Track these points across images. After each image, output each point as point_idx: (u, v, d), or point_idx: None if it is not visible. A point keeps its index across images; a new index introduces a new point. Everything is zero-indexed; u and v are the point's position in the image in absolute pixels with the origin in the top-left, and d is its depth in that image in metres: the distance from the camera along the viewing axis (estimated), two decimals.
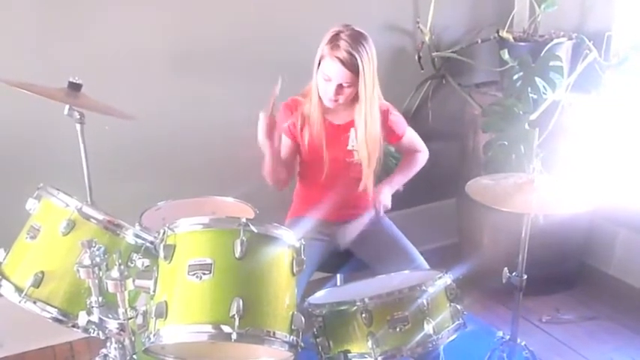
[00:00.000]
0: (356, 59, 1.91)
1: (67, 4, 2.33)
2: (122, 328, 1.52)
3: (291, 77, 2.14)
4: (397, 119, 2.20)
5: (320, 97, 2.04)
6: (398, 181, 2.23)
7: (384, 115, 2.13)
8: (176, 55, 2.53)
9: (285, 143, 2.14)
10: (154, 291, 1.48)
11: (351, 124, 2.10)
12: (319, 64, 1.99)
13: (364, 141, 2.06)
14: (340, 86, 1.98)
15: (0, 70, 2.15)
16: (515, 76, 2.58)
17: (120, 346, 1.59)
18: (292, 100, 2.14)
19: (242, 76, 2.67)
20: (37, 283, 1.55)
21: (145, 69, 2.49)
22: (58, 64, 2.30)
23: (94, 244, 1.47)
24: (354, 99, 2.04)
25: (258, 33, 2.64)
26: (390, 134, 2.18)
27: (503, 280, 2.04)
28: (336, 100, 2.01)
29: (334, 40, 1.94)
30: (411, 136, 2.26)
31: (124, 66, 2.45)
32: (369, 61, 1.95)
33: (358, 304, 1.56)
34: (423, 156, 2.29)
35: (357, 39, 1.93)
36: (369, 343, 1.53)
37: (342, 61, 1.92)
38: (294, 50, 2.32)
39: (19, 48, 2.30)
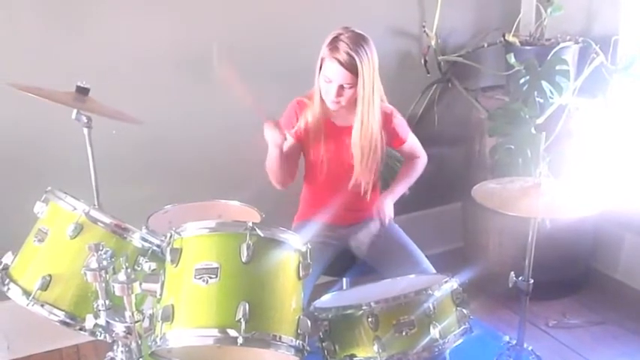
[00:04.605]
0: (355, 60, 1.93)
1: (75, 9, 2.34)
2: (129, 331, 1.52)
3: (296, 82, 2.15)
4: (401, 122, 2.21)
5: (322, 100, 2.05)
6: (400, 190, 2.24)
7: (388, 117, 2.14)
8: (183, 59, 2.54)
9: (290, 143, 2.14)
10: (161, 294, 1.48)
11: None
12: (321, 66, 2.00)
13: (358, 139, 2.07)
14: (341, 87, 1.99)
15: (9, 75, 2.16)
16: (522, 80, 2.58)
17: (126, 349, 1.59)
18: (299, 102, 2.15)
19: (248, 81, 2.67)
20: (45, 286, 1.56)
21: (152, 73, 2.50)
22: (65, 69, 2.31)
23: (101, 248, 1.48)
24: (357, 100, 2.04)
25: (264, 38, 2.65)
26: (393, 137, 2.19)
27: (510, 285, 2.03)
28: (337, 102, 2.02)
29: (334, 42, 1.96)
30: (413, 142, 2.27)
31: (131, 70, 2.46)
32: (369, 62, 1.96)
33: (364, 308, 1.56)
34: (422, 162, 2.29)
35: (356, 41, 1.94)
36: (375, 348, 1.53)
37: (341, 63, 1.94)
38: (300, 55, 2.32)
39: (27, 53, 2.31)
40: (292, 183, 2.17)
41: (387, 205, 2.16)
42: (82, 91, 1.97)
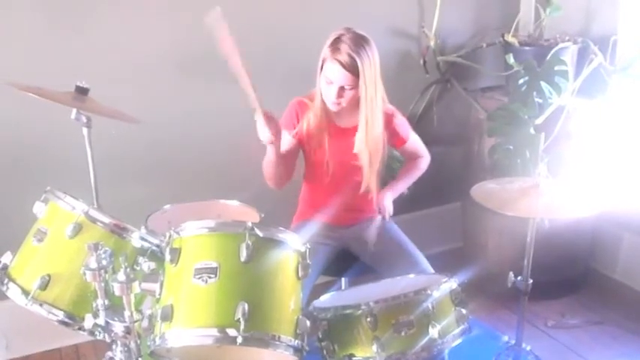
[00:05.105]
0: (356, 62, 1.92)
1: (75, 10, 2.34)
2: (128, 331, 1.52)
3: (296, 82, 2.15)
4: (402, 122, 2.21)
5: (324, 101, 2.05)
6: (400, 187, 2.25)
7: (389, 118, 2.14)
8: (182, 59, 2.54)
9: (290, 143, 2.14)
10: (160, 294, 1.48)
11: (357, 128, 2.10)
12: (322, 67, 2.00)
13: (364, 142, 2.06)
14: (342, 89, 1.99)
15: (8, 74, 2.16)
16: (521, 81, 2.58)
17: (126, 349, 1.59)
18: (299, 103, 2.15)
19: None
20: (44, 285, 1.56)
21: (151, 73, 2.50)
22: (65, 69, 2.31)
23: (100, 247, 1.48)
24: (359, 102, 2.04)
25: (265, 38, 2.65)
26: (394, 137, 2.19)
27: (509, 285, 2.04)
28: (338, 103, 2.02)
29: (335, 43, 1.95)
30: (415, 141, 2.27)
31: (130, 70, 2.46)
32: (370, 64, 1.95)
33: (363, 307, 1.56)
34: (424, 161, 2.30)
35: (358, 42, 1.94)
36: (374, 347, 1.53)
37: (342, 64, 1.93)
38: (300, 55, 2.33)
39: (27, 52, 2.31)
40: (289, 184, 2.16)
41: (387, 199, 2.16)
42: (82, 91, 1.97)
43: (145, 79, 2.50)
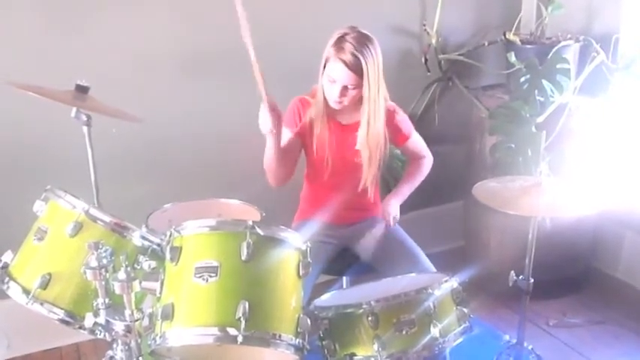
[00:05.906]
0: (360, 61, 1.92)
1: (75, 9, 2.34)
2: (128, 329, 1.52)
3: (297, 81, 2.14)
4: (404, 119, 2.21)
5: (326, 99, 2.05)
6: (405, 191, 2.25)
7: (390, 115, 2.13)
8: (183, 58, 2.54)
9: (291, 140, 2.13)
10: (161, 293, 1.48)
11: (358, 124, 2.10)
12: (325, 66, 1.99)
13: (366, 141, 2.06)
14: (345, 88, 1.98)
15: (8, 74, 2.16)
16: (522, 79, 2.58)
17: (126, 347, 1.59)
18: (301, 100, 2.15)
19: (249, 80, 2.66)
20: (45, 284, 1.56)
21: (152, 72, 2.50)
22: (65, 68, 2.31)
23: (100, 246, 1.48)
24: (362, 100, 2.04)
25: (266, 36, 2.62)
26: (396, 135, 2.18)
27: (510, 284, 2.03)
28: (340, 102, 2.02)
29: (339, 43, 1.94)
30: (416, 140, 2.26)
31: (131, 69, 2.46)
32: (374, 64, 1.95)
33: (364, 306, 1.56)
34: (427, 162, 2.29)
35: (362, 41, 1.93)
36: (375, 346, 1.53)
37: (346, 64, 1.93)
38: (301, 55, 2.33)
39: (27, 51, 2.31)
40: (289, 181, 2.15)
41: (392, 206, 2.16)
42: (82, 90, 1.97)
43: (145, 79, 2.49)
